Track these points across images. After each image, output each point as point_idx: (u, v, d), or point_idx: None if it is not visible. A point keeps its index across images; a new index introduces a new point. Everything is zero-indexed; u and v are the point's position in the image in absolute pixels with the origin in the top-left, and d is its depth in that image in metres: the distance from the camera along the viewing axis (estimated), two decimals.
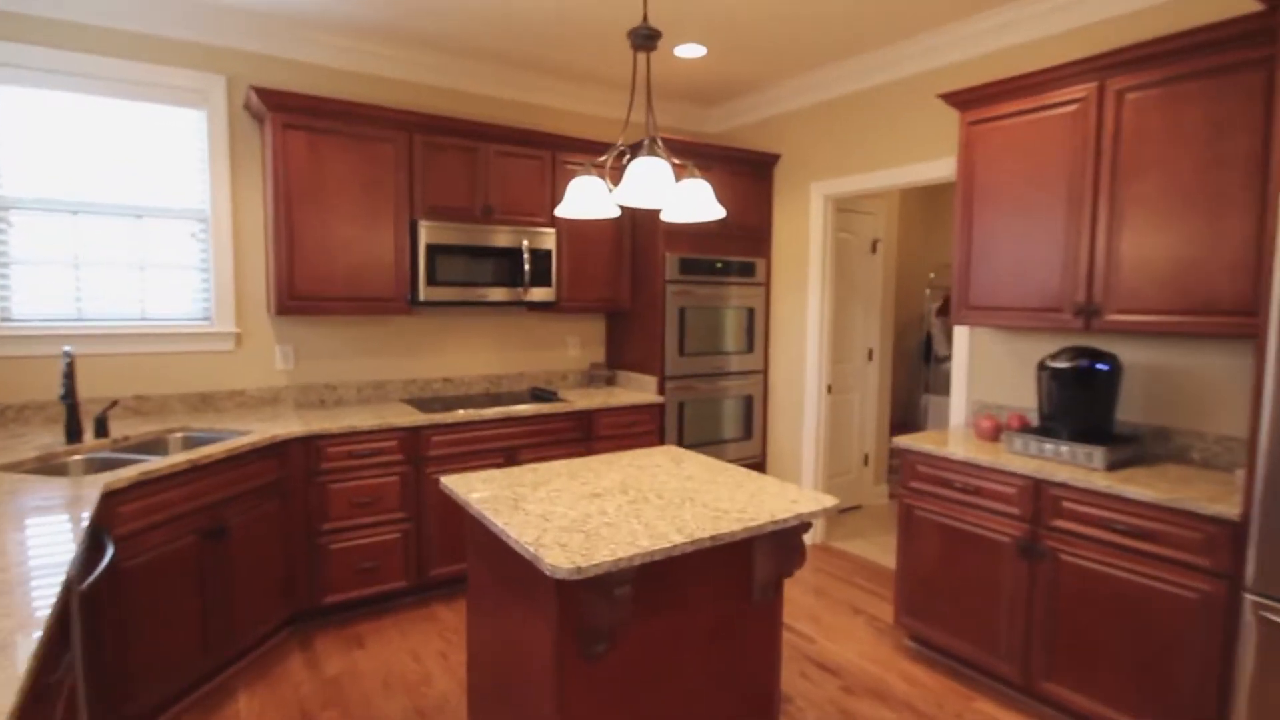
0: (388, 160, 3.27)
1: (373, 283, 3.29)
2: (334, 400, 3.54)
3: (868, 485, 4.89)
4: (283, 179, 3.03)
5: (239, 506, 2.61)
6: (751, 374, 4.31)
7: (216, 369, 3.25)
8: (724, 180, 4.06)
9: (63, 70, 2.83)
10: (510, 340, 4.06)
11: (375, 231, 3.27)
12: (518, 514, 1.84)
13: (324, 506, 2.96)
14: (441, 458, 3.23)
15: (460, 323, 3.88)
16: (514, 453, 3.43)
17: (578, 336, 4.31)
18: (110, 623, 2.10)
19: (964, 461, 2.63)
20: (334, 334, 3.52)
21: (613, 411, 3.74)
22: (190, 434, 2.91)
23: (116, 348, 3.02)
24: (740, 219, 4.16)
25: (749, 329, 4.27)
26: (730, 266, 4.14)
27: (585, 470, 2.30)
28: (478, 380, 3.96)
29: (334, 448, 2.97)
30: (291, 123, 3.03)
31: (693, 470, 2.31)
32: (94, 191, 2.96)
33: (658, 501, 1.96)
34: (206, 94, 3.12)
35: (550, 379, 4.21)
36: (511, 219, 3.64)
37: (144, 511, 2.21)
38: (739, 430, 4.28)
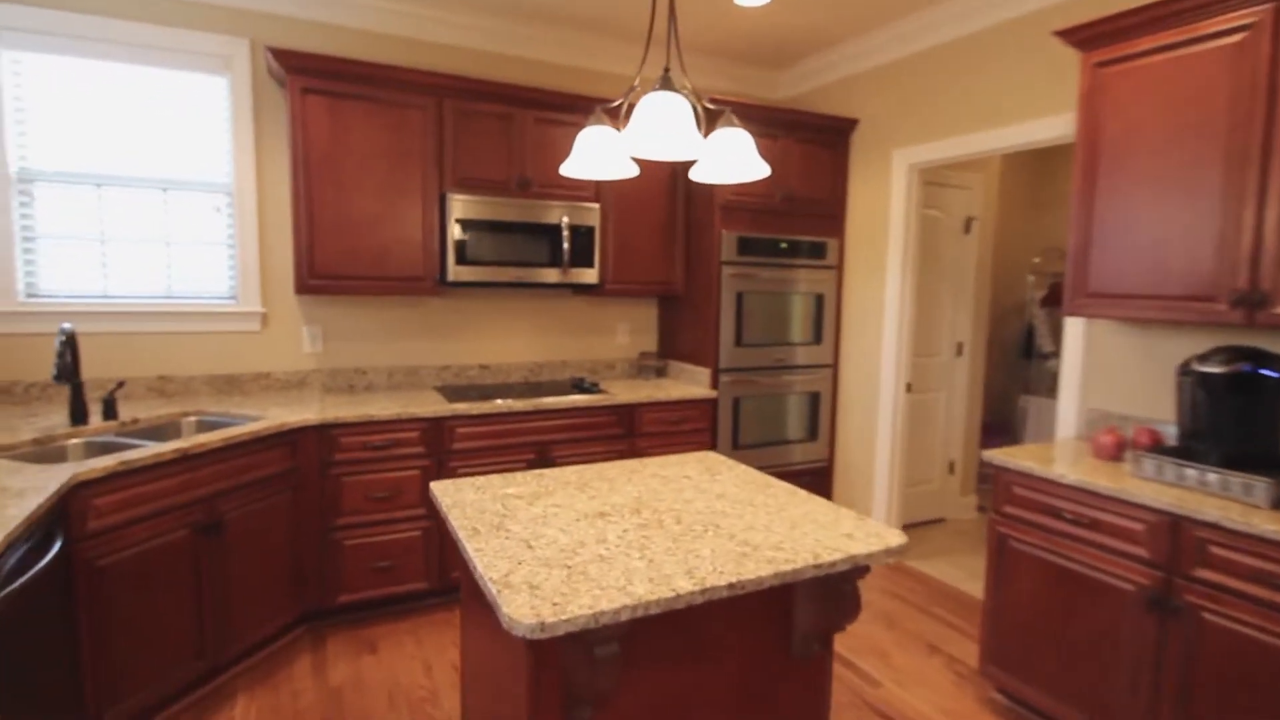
0: (415, 128, 3.02)
1: (399, 261, 3.05)
2: (364, 386, 3.35)
3: (952, 496, 4.32)
4: (301, 148, 2.83)
5: (240, 498, 2.42)
6: (819, 368, 3.84)
7: (242, 350, 3.11)
8: (791, 151, 3.59)
9: (82, 35, 2.72)
10: (553, 325, 3.76)
11: (402, 205, 3.03)
12: (498, 536, 1.51)
13: (338, 500, 2.76)
14: (466, 452, 2.98)
15: (498, 305, 3.62)
16: (547, 449, 3.14)
17: (627, 323, 3.97)
18: (87, 624, 1.94)
19: (1076, 487, 2.11)
20: (364, 315, 3.33)
21: (659, 406, 3.38)
22: (204, 418, 2.76)
23: (141, 326, 2.91)
24: (810, 193, 3.68)
25: (817, 317, 3.80)
26: (797, 247, 3.68)
27: (599, 480, 1.95)
28: (517, 368, 3.69)
29: (349, 437, 2.76)
30: (311, 87, 2.82)
31: (727, 486, 1.92)
32: (118, 164, 2.85)
33: (674, 527, 1.59)
34: (230, 59, 2.95)
35: (596, 368, 3.89)
36: (551, 192, 3.32)
37: (124, 504, 2.04)
38: (803, 431, 3.82)
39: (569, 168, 1.73)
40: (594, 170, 1.74)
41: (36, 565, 1.56)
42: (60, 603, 1.85)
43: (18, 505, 1.60)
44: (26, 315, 2.74)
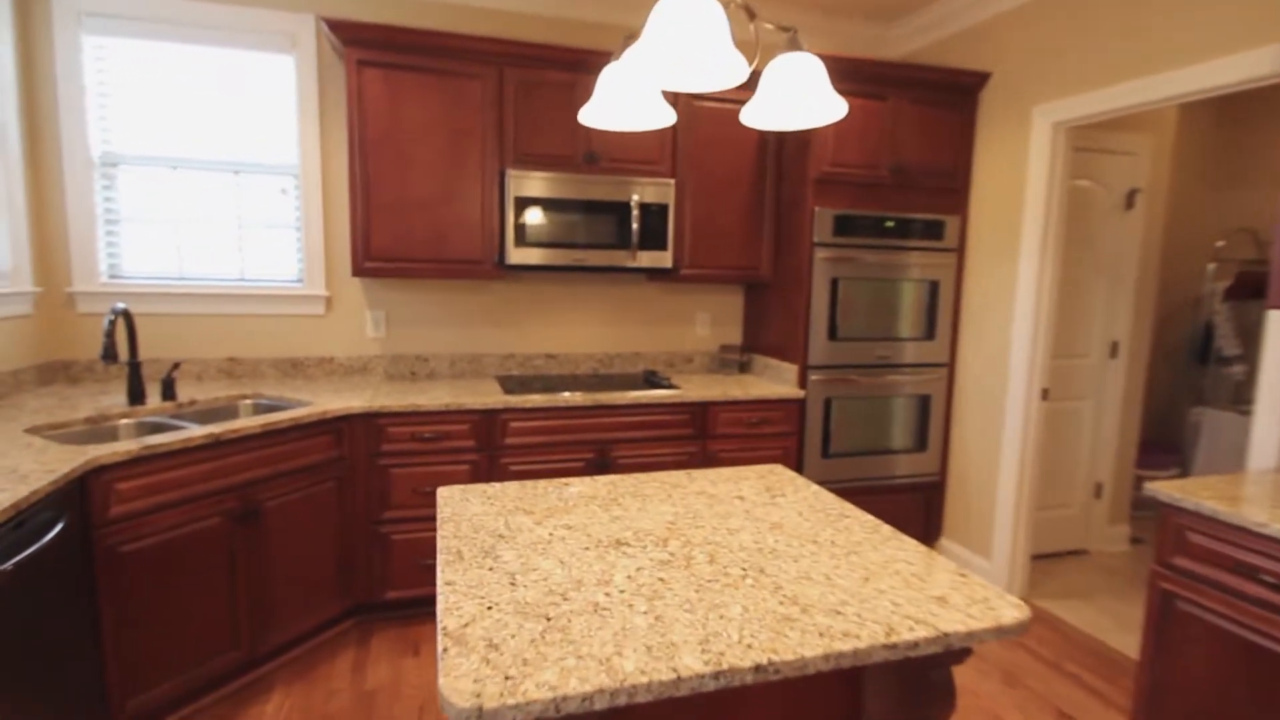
0: (474, 100, 2.81)
1: (457, 242, 2.86)
2: (425, 373, 3.22)
3: (1098, 525, 3.62)
4: (358, 124, 2.69)
5: (280, 486, 2.32)
6: (931, 367, 3.30)
7: (307, 334, 3.05)
8: (903, 114, 3.07)
9: (158, 18, 2.72)
10: (625, 313, 3.47)
11: (459, 183, 2.84)
12: (481, 565, 1.23)
13: (386, 492, 2.62)
14: (519, 448, 2.75)
15: (565, 291, 3.37)
16: (607, 448, 2.85)
17: (708, 312, 3.60)
18: (109, 610, 1.87)
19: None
20: (427, 300, 3.19)
21: (735, 405, 3.00)
22: (261, 401, 2.71)
23: (212, 308, 2.91)
24: (925, 163, 3.14)
25: (930, 309, 3.26)
26: (908, 226, 3.16)
27: (632, 495, 1.63)
28: (585, 359, 3.43)
29: (397, 427, 2.60)
30: (367, 59, 2.67)
31: (788, 513, 1.54)
32: (193, 147, 2.85)
33: (704, 568, 1.24)
34: (295, 36, 2.87)
35: (672, 361, 3.56)
36: (620, 167, 3.01)
37: (150, 489, 1.96)
38: (910, 439, 3.30)
39: (587, 114, 1.41)
40: (620, 117, 1.41)
41: (29, 549, 1.47)
42: (81, 588, 1.79)
43: (17, 489, 1.51)
44: (109, 295, 2.79)
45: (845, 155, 3.02)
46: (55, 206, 2.70)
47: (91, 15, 2.65)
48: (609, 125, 1.46)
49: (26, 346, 2.60)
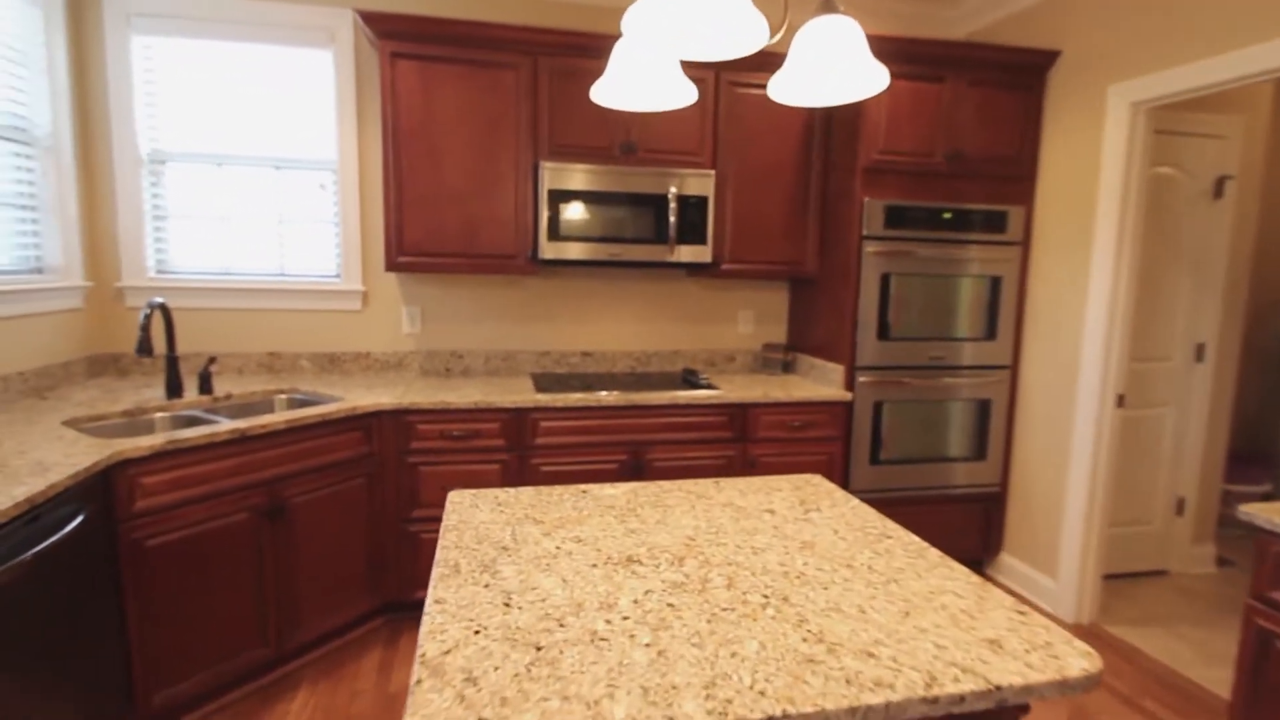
0: (508, 91, 2.74)
1: (489, 237, 2.80)
2: (460, 369, 3.18)
3: (1180, 544, 3.31)
4: (391, 118, 2.66)
5: (307, 483, 2.30)
6: (991, 370, 3.07)
7: (344, 329, 3.05)
8: (962, 97, 2.86)
9: (203, 16, 2.74)
10: (664, 310, 3.36)
11: (492, 177, 2.77)
12: (477, 582, 1.15)
13: (415, 491, 2.59)
14: (550, 448, 2.67)
15: (602, 287, 3.28)
16: (642, 450, 2.75)
17: (751, 309, 3.45)
18: (134, 604, 1.88)
19: None
20: (462, 296, 3.14)
21: (778, 407, 2.85)
22: (295, 396, 2.71)
23: (254, 303, 2.94)
24: (986, 149, 2.92)
25: (991, 306, 3.03)
26: (966, 218, 2.94)
27: (652, 506, 1.52)
28: (622, 356, 3.34)
29: (426, 425, 2.56)
30: (400, 51, 2.63)
31: (822, 531, 1.40)
32: (236, 144, 2.87)
33: (720, 594, 1.12)
34: (334, 31, 2.86)
35: (713, 359, 3.43)
36: (658, 158, 2.89)
37: (175, 484, 1.96)
38: (968, 447, 3.08)
39: (599, 91, 1.30)
40: (634, 96, 1.30)
41: (45, 541, 1.46)
42: (106, 582, 1.80)
43: (35, 482, 1.51)
44: (156, 290, 2.84)
45: (897, 142, 2.82)
46: (105, 203, 2.76)
47: (140, 15, 2.70)
48: (623, 104, 1.35)
49: (77, 339, 2.67)
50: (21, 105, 2.41)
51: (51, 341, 2.52)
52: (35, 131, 2.47)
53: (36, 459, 1.70)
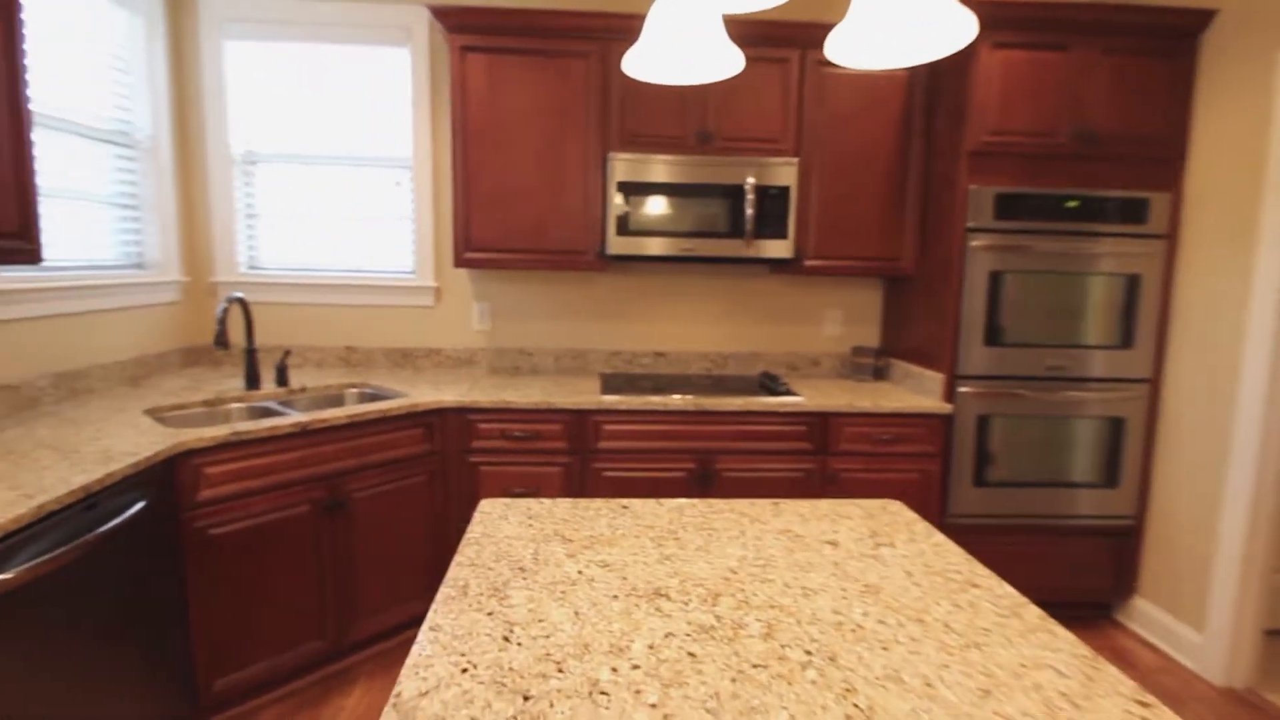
0: (578, 80, 2.64)
1: (557, 232, 2.72)
2: (529, 368, 3.12)
3: None
4: (460, 112, 2.62)
5: (368, 478, 2.29)
6: (1126, 383, 2.65)
7: (417, 325, 3.07)
8: (1092, 66, 2.47)
9: (288, 19, 2.82)
10: (743, 309, 3.15)
11: (560, 169, 2.68)
12: (480, 608, 1.02)
13: (476, 491, 2.53)
14: (614, 453, 2.55)
15: (676, 284, 3.11)
16: (711, 459, 2.57)
17: (840, 309, 3.18)
18: (196, 593, 1.92)
19: None
20: (532, 292, 3.08)
21: (864, 418, 2.58)
22: (366, 390, 2.74)
23: (334, 298, 3.01)
24: (1123, 127, 2.51)
25: (1127, 310, 2.61)
26: (1098, 207, 2.55)
27: (697, 529, 1.35)
28: (697, 358, 3.16)
29: (487, 424, 2.50)
30: (470, 44, 2.59)
31: (891, 574, 1.18)
32: (320, 143, 2.94)
33: (754, 645, 0.94)
34: (410, 29, 2.87)
35: (796, 363, 3.19)
36: (736, 146, 2.70)
37: (238, 475, 1.98)
38: (1095, 471, 2.68)
39: (630, 61, 1.15)
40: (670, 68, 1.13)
41: (101, 527, 1.49)
42: (170, 569, 1.84)
43: (95, 470, 1.55)
44: (246, 285, 2.96)
45: (1011, 120, 2.48)
46: (200, 202, 2.90)
47: (232, 21, 2.81)
48: (657, 75, 1.18)
49: (173, 331, 2.82)
50: (125, 110, 2.56)
51: (150, 333, 2.66)
52: (137, 135, 2.62)
53: (105, 446, 1.75)
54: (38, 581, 1.38)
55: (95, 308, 2.36)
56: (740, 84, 2.67)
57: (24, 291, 2.07)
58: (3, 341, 2.01)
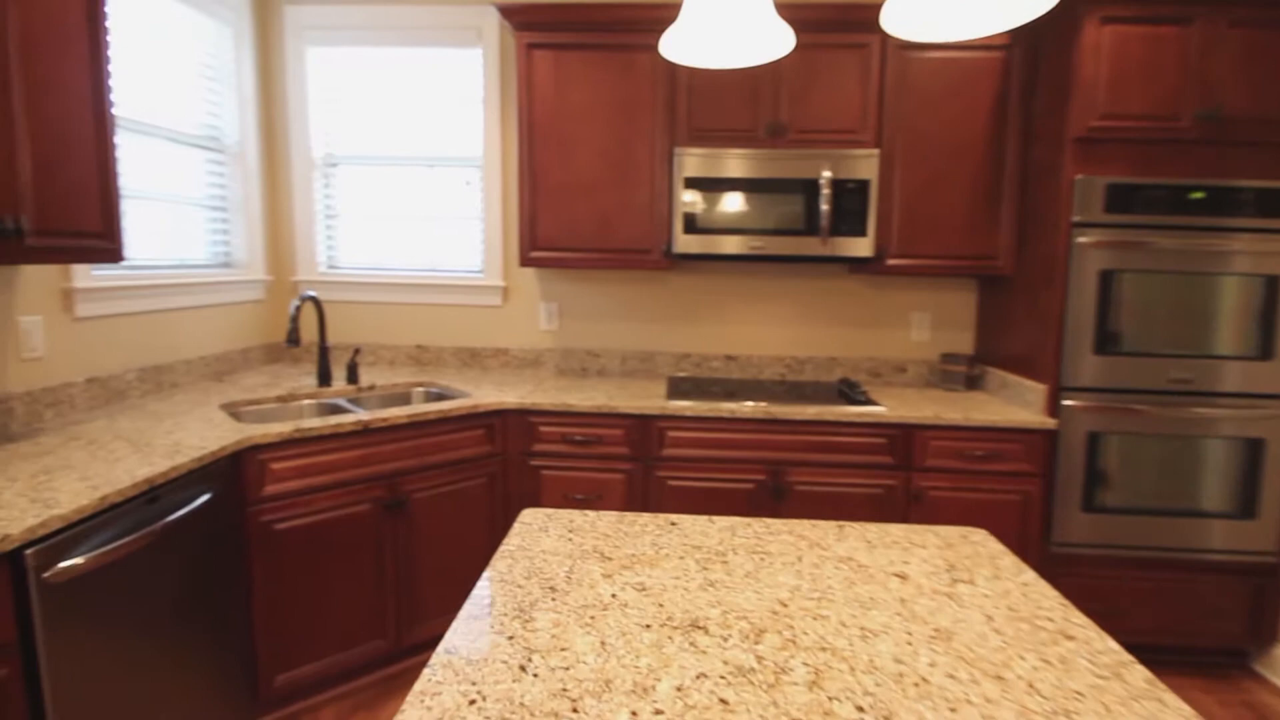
0: (644, 73, 2.55)
1: (622, 230, 2.64)
2: (595, 369, 3.06)
3: None
4: (526, 110, 2.60)
5: (428, 478, 2.29)
6: (1265, 399, 2.31)
7: (485, 324, 3.07)
8: (1219, 40, 2.16)
9: (366, 25, 2.89)
10: (820, 311, 2.97)
11: (626, 166, 2.60)
12: (499, 631, 0.95)
13: (536, 495, 2.50)
14: (678, 461, 2.44)
15: (749, 284, 2.97)
16: (782, 471, 2.42)
17: (928, 312, 2.95)
18: (261, 586, 1.96)
19: None
20: (600, 292, 3.02)
21: (953, 432, 2.37)
22: (432, 389, 2.76)
23: (407, 297, 3.06)
24: (1258, 106, 2.18)
25: (1265, 315, 2.27)
26: (1231, 198, 2.23)
27: (749, 552, 1.23)
28: (771, 362, 3.01)
29: (548, 427, 2.46)
30: (536, 42, 2.56)
31: (969, 617, 1.02)
32: (395, 145, 3.00)
33: (797, 695, 0.82)
34: (481, 29, 2.88)
35: (879, 370, 2.98)
36: (810, 138, 2.54)
37: (302, 471, 2.02)
38: (1227, 500, 2.35)
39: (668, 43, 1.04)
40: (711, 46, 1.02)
41: (166, 518, 1.53)
42: (235, 563, 1.89)
43: (161, 463, 1.60)
44: (326, 284, 3.06)
45: (1125, 103, 2.20)
46: (284, 204, 3.02)
47: (314, 29, 2.91)
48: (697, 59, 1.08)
49: (257, 328, 2.94)
50: (215, 117, 2.69)
51: (234, 330, 2.79)
52: (225, 139, 2.74)
53: (177, 440, 1.81)
54: (105, 569, 1.42)
55: (184, 305, 2.49)
56: (815, 73, 2.51)
57: (119, 289, 2.19)
58: (97, 336, 2.13)
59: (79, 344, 2.07)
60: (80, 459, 1.61)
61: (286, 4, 2.89)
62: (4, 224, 1.45)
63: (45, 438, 1.78)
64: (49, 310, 1.97)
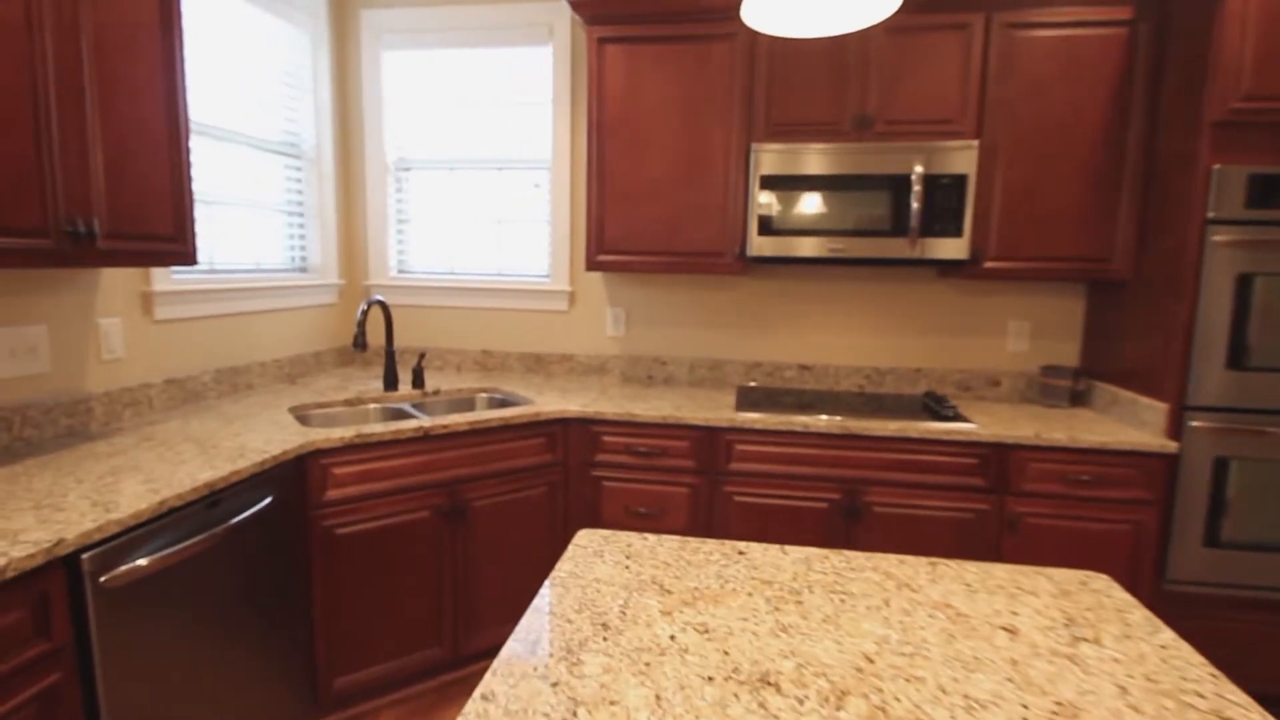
0: (720, 65, 2.43)
1: (693, 233, 2.52)
2: (662, 377, 2.95)
3: None
4: (596, 107, 2.52)
5: (489, 487, 2.24)
6: None
7: (551, 329, 3.01)
8: None
9: (440, 27, 2.89)
10: (905, 318, 2.76)
11: (698, 164, 2.48)
12: (542, 676, 0.85)
13: (597, 506, 2.41)
14: (746, 476, 2.30)
15: (827, 289, 2.79)
16: (858, 490, 2.24)
17: (1026, 320, 2.69)
18: (322, 590, 1.95)
19: None
20: (668, 298, 2.91)
21: (1056, 454, 2.13)
22: (496, 395, 2.72)
23: (474, 301, 3.04)
24: None
25: None
26: None
27: (826, 589, 1.09)
28: (849, 372, 2.81)
29: (611, 437, 2.37)
30: (608, 36, 2.47)
31: (1095, 685, 0.85)
32: (465, 148, 2.98)
33: None
34: (552, 26, 2.82)
35: (969, 382, 2.74)
36: (901, 130, 2.35)
37: (364, 476, 2.00)
38: None
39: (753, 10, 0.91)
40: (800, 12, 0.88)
41: (227, 522, 1.52)
42: (297, 566, 1.88)
43: (223, 467, 1.59)
44: (397, 289, 3.08)
45: (1274, 81, 1.91)
46: (357, 208, 3.05)
47: (390, 33, 2.93)
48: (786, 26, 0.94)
49: (329, 331, 2.98)
50: (293, 123, 2.74)
51: (308, 333, 2.83)
52: (303, 145, 2.79)
53: (242, 443, 1.82)
54: (163, 572, 1.42)
55: (261, 308, 2.53)
56: (908, 58, 2.32)
57: (197, 292, 2.24)
58: (175, 338, 2.18)
59: (158, 346, 2.12)
60: (148, 460, 1.63)
61: (362, 8, 2.93)
62: (76, 227, 1.47)
63: (120, 438, 1.82)
64: (129, 312, 2.02)
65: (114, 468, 1.57)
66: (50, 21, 1.43)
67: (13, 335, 1.69)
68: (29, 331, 1.73)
